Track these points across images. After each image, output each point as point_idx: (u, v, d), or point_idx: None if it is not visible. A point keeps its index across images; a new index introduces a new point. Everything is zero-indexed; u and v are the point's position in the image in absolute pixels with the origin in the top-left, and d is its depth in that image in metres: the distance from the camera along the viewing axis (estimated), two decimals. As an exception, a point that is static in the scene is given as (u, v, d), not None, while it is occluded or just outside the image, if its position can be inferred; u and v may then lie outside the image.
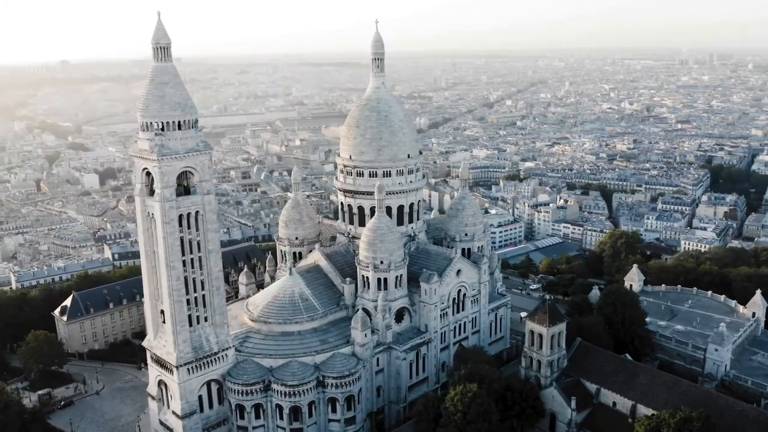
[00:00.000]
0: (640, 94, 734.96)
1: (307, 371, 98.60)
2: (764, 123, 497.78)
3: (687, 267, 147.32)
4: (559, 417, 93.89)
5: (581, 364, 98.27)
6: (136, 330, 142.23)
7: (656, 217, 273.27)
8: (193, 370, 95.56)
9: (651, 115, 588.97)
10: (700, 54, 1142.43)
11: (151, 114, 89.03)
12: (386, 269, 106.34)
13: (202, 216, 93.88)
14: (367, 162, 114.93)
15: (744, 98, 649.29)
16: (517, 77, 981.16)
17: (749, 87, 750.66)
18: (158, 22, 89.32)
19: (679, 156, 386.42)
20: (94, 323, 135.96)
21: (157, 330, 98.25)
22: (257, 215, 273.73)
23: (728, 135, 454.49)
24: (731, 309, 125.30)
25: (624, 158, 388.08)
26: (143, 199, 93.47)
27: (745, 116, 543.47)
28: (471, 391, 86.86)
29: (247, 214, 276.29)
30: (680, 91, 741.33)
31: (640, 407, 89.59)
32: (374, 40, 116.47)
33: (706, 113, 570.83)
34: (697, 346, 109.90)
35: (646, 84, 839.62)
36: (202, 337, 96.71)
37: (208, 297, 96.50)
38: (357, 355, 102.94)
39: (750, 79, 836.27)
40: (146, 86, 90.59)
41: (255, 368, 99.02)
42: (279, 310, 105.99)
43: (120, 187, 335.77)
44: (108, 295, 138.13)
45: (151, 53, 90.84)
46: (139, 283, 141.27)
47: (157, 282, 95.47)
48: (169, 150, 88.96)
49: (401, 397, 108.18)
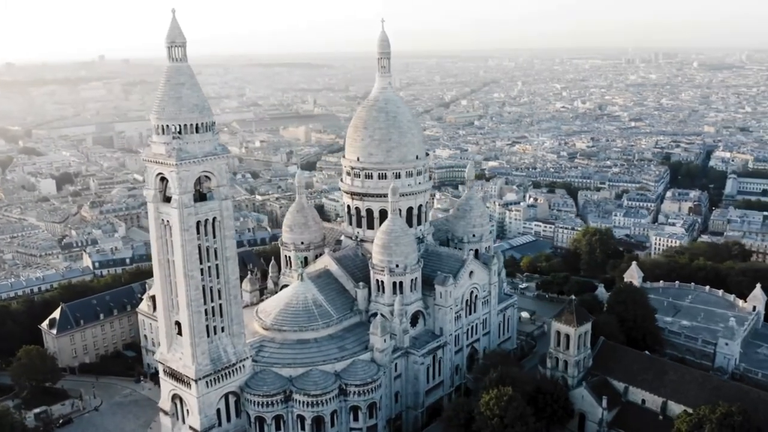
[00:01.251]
0: (591, 93, 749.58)
1: (328, 380, 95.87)
2: (714, 120, 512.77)
3: (680, 263, 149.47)
4: (589, 417, 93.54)
5: (606, 363, 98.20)
6: (127, 341, 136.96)
7: (623, 213, 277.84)
8: (211, 383, 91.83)
9: (604, 113, 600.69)
10: (646, 53, 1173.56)
11: (168, 116, 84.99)
12: (402, 272, 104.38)
13: (220, 222, 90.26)
14: (376, 164, 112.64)
15: (692, 96, 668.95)
16: (470, 77, 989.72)
17: (696, 85, 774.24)
18: (173, 20, 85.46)
19: (637, 153, 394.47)
20: (84, 336, 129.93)
21: (170, 342, 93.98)
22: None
23: (681, 132, 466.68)
24: (731, 303, 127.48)
25: (584, 156, 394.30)
26: (157, 205, 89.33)
27: (695, 113, 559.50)
28: (507, 395, 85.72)
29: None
30: (630, 90, 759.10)
31: (671, 404, 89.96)
32: (380, 39, 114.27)
33: (657, 111, 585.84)
34: (707, 341, 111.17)
35: (596, 83, 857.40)
36: (220, 348, 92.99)
37: (225, 306, 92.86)
38: (376, 361, 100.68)
39: (696, 77, 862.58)
40: (161, 87, 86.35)
41: (274, 378, 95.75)
42: (293, 318, 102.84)
43: (79, 193, 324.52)
44: (98, 306, 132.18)
45: (166, 53, 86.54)
46: (128, 292, 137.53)
47: (172, 292, 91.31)
48: (188, 154, 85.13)
49: (419, 402, 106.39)
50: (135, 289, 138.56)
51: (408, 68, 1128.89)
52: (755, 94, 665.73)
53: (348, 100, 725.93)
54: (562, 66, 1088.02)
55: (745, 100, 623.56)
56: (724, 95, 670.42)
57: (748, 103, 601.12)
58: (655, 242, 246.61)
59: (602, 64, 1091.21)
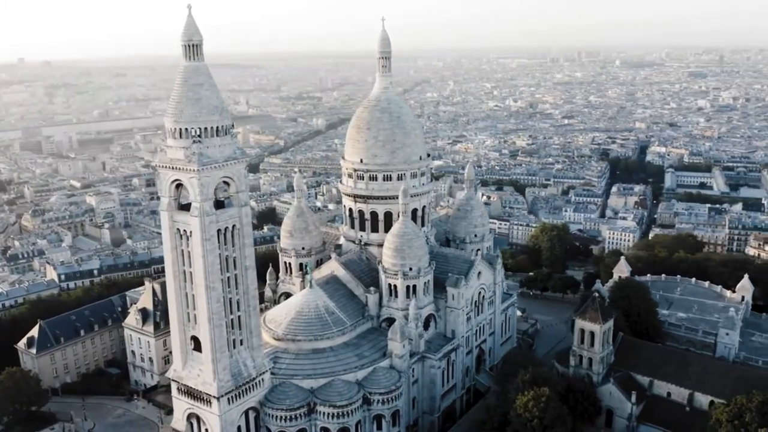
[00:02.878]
0: (521, 91, 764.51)
1: (352, 389, 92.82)
2: (642, 116, 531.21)
3: (660, 256, 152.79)
4: (617, 412, 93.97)
5: (628, 359, 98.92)
6: (109, 358, 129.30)
7: (573, 209, 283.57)
8: (232, 400, 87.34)
9: (536, 111, 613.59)
10: (569, 52, 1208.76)
11: (187, 119, 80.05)
12: (415, 275, 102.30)
13: (239, 230, 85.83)
14: (381, 165, 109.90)
15: (619, 93, 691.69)
16: (401, 77, 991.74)
17: (621, 82, 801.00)
18: (188, 17, 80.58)
19: (576, 150, 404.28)
20: (65, 354, 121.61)
21: (185, 359, 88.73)
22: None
23: (614, 128, 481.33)
24: (718, 294, 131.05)
25: (526, 154, 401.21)
26: (171, 214, 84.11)
27: (624, 110, 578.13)
28: (544, 395, 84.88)
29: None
30: (558, 88, 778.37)
31: (697, 395, 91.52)
32: (381, 39, 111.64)
33: (586, 108, 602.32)
34: (707, 332, 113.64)
35: (524, 82, 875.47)
36: (240, 363, 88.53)
37: (244, 318, 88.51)
38: (396, 368, 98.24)
39: (620, 74, 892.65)
40: (177, 88, 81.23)
41: (296, 391, 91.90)
42: (307, 327, 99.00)
43: (14, 201, 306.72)
44: (77, 322, 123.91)
45: (182, 51, 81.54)
46: (108, 306, 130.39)
47: (188, 305, 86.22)
48: (209, 159, 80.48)
49: (435, 407, 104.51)
50: (115, 302, 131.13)
51: (339, 68, 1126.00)
52: (678, 91, 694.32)
53: (281, 101, 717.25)
54: (489, 65, 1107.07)
55: (670, 97, 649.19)
56: (648, 92, 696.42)
57: (672, 100, 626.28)
58: (609, 236, 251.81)
59: (528, 63, 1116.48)
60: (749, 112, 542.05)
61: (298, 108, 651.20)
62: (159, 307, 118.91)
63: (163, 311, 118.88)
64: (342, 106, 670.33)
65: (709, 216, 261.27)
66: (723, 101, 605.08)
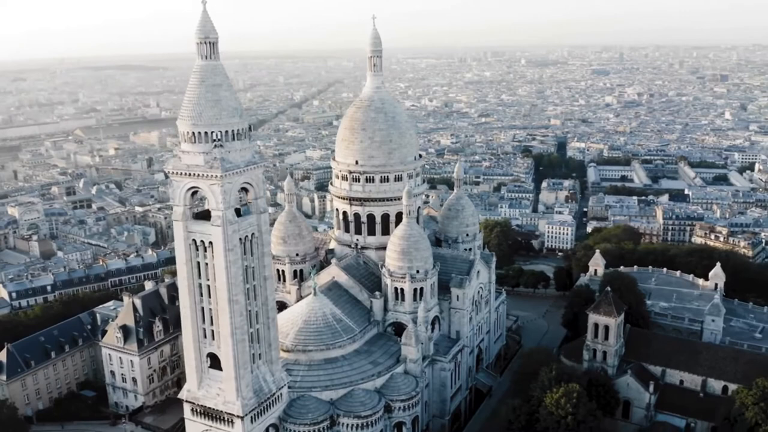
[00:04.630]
0: (434, 91, 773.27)
1: (373, 398, 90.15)
2: (554, 113, 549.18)
3: (626, 249, 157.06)
4: (635, 403, 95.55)
5: (638, 350, 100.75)
6: (81, 380, 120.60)
7: (508, 205, 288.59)
8: (255, 418, 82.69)
9: (452, 110, 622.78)
10: (475, 52, 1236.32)
11: (207, 122, 74.96)
12: (423, 278, 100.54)
13: (258, 238, 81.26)
14: (378, 167, 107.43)
15: (529, 91, 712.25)
16: (313, 77, 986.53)
17: (529, 81, 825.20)
18: (203, 13, 75.56)
19: (499, 147, 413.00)
20: (36, 378, 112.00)
21: (200, 377, 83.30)
22: (107, 234, 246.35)
23: (530, 125, 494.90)
24: (691, 283, 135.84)
25: (452, 152, 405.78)
26: (186, 224, 78.65)
27: (536, 108, 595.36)
28: (575, 391, 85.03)
29: (96, 234, 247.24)
30: (469, 87, 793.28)
31: (710, 381, 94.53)
32: (372, 37, 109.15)
33: (500, 107, 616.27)
34: (693, 320, 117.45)
35: (436, 81, 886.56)
36: (260, 378, 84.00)
37: (263, 331, 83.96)
38: (410, 373, 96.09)
39: (526, 73, 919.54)
40: (194, 88, 75.98)
41: (316, 404, 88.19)
42: (317, 336, 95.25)
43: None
44: (46, 343, 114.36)
45: (196, 50, 76.41)
46: (77, 324, 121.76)
47: (205, 320, 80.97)
48: (231, 164, 75.68)
49: (446, 409, 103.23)
50: (84, 319, 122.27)
51: (248, 69, 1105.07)
52: (585, 88, 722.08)
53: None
54: (399, 65, 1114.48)
55: (577, 94, 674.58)
56: (557, 90, 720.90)
57: (580, 96, 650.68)
58: (548, 231, 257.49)
59: (437, 63, 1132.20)
60: (654, 107, 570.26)
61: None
62: (141, 324, 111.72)
63: (146, 328, 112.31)
64: (258, 107, 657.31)
65: (640, 208, 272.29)
66: (628, 97, 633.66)
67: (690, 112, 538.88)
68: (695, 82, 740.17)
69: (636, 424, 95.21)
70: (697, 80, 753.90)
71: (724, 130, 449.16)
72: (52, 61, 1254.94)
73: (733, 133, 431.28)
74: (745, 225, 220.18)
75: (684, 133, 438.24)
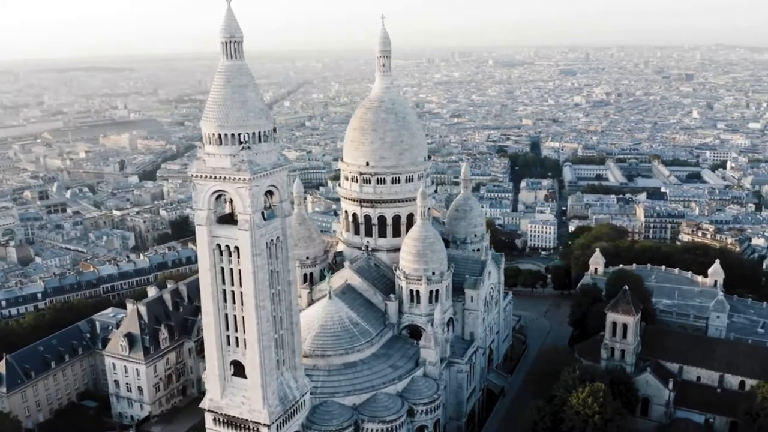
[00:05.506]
0: (404, 91, 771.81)
1: (396, 402, 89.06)
2: (525, 113, 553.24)
3: (622, 247, 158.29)
4: (654, 400, 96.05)
5: (654, 347, 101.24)
6: (81, 390, 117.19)
7: (489, 205, 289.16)
8: (281, 426, 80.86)
9: (425, 111, 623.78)
10: (443, 52, 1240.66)
11: (234, 124, 72.99)
12: (439, 280, 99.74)
13: (282, 242, 79.51)
14: (389, 168, 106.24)
15: (498, 92, 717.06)
16: (281, 78, 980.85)
17: (498, 81, 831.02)
18: (228, 11, 73.54)
19: (474, 147, 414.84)
20: (36, 390, 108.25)
21: (223, 386, 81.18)
22: (85, 238, 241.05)
23: (503, 125, 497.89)
24: (690, 280, 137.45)
25: (429, 152, 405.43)
26: (210, 229, 76.48)
27: (506, 108, 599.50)
28: (601, 390, 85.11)
29: (74, 239, 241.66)
30: (439, 88, 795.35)
31: (727, 377, 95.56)
32: (381, 37, 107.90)
33: (471, 107, 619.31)
34: (698, 316, 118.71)
35: (405, 82, 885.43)
36: (284, 385, 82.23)
37: (286, 336, 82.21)
38: (429, 375, 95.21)
39: (495, 74, 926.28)
40: (219, 89, 73.86)
41: (340, 410, 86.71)
42: (335, 340, 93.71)
43: None
44: (46, 353, 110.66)
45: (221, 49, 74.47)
46: (76, 333, 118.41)
47: (229, 327, 78.93)
48: (258, 166, 73.86)
49: (462, 411, 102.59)
50: (82, 328, 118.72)
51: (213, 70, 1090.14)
52: (553, 88, 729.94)
53: (162, 104, 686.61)
54: (367, 66, 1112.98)
55: (546, 94, 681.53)
56: (526, 90, 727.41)
57: (549, 96, 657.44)
58: (530, 230, 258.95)
59: (406, 64, 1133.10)
60: (623, 106, 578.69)
61: (183, 111, 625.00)
62: (147, 331, 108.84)
63: (152, 335, 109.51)
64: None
65: (620, 206, 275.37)
66: (597, 97, 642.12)
67: (658, 111, 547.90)
68: (661, 81, 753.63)
69: (655, 421, 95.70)
70: (662, 80, 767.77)
71: (693, 128, 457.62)
72: (14, 63, 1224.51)
73: (702, 132, 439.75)
74: (725, 222, 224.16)
75: (654, 132, 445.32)
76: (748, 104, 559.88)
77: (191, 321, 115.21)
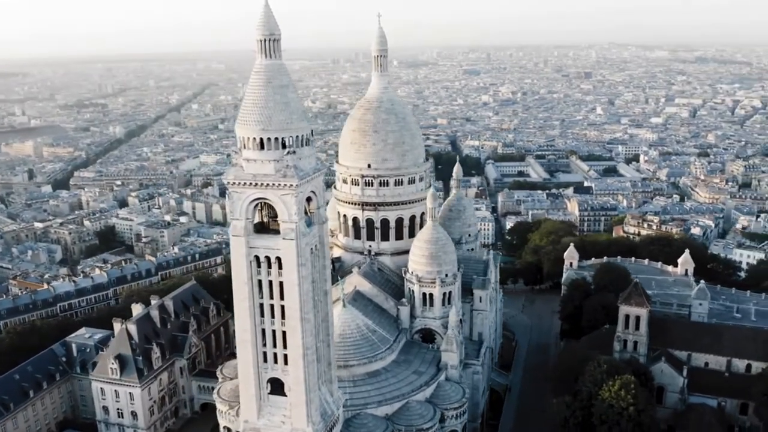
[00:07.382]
0: (315, 92, 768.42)
1: (429, 409, 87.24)
2: (437, 113, 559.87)
3: (589, 240, 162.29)
4: (669, 388, 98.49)
5: (661, 336, 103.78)
6: (59, 419, 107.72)
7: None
8: (323, 443, 77.14)
9: (339, 112, 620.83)
10: (347, 53, 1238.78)
11: (277, 127, 68.62)
12: (452, 282, 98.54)
13: (319, 250, 75.81)
14: (392, 169, 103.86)
15: (408, 92, 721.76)
16: (185, 80, 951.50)
17: (405, 82, 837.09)
18: (266, 8, 69.12)
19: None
20: (16, 422, 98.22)
21: (260, 406, 76.56)
22: (8, 253, 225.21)
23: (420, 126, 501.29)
24: (660, 270, 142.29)
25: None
26: (248, 239, 71.78)
27: (418, 108, 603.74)
28: (632, 382, 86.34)
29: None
30: (349, 88, 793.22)
31: (735, 361, 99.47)
32: (378, 36, 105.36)
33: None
34: (681, 305, 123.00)
35: (314, 83, 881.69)
36: (323, 401, 78.45)
37: (323, 349, 78.45)
38: (450, 379, 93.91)
39: (401, 74, 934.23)
40: (259, 90, 69.07)
41: (374, 421, 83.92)
42: (356, 349, 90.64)
43: None
44: (23, 381, 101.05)
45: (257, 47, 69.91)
46: (50, 357, 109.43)
47: (266, 343, 74.47)
48: (303, 172, 69.95)
49: (478, 413, 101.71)
50: (57, 351, 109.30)
51: (113, 73, 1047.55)
52: (460, 88, 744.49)
53: (63, 110, 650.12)
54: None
55: (455, 93, 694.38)
56: (434, 90, 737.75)
57: (458, 96, 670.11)
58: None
59: (311, 65, 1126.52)
60: (529, 104, 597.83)
61: (86, 116, 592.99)
62: (138, 352, 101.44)
63: (145, 355, 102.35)
64: (134, 112, 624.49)
65: (551, 201, 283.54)
66: (503, 96, 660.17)
67: (563, 108, 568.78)
68: (562, 79, 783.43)
69: (670, 408, 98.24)
70: (563, 78, 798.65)
71: (599, 124, 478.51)
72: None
73: (609, 127, 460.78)
74: (654, 212, 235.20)
75: (564, 129, 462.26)
76: (647, 100, 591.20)
77: (181, 338, 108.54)
